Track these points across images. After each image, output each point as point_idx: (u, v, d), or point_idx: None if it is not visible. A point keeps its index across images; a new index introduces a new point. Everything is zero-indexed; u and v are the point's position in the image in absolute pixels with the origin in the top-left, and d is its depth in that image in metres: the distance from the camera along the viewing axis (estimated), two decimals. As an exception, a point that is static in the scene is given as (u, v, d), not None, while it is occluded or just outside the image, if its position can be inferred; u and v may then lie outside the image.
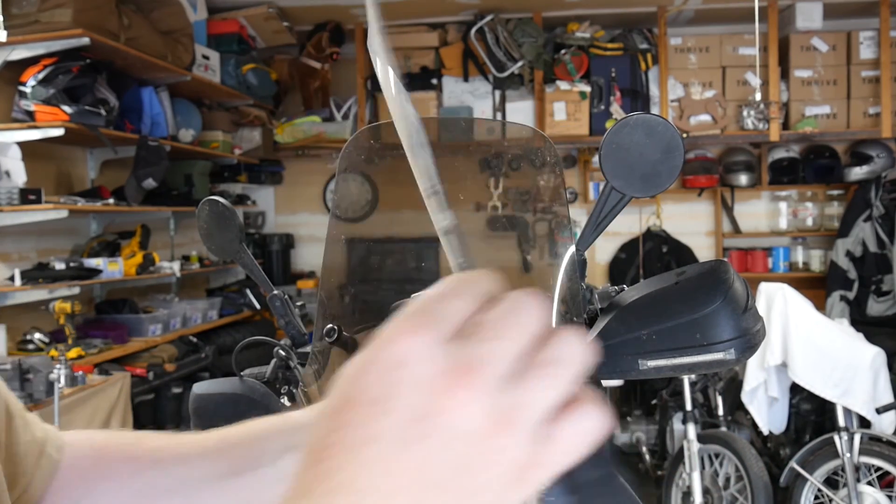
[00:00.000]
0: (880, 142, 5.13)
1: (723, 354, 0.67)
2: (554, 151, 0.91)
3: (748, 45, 5.03)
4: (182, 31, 4.19)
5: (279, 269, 5.53)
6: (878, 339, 3.36)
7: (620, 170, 0.67)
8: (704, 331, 0.67)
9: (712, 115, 5.07)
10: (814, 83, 5.11)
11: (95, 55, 3.47)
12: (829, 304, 4.90)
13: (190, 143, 4.48)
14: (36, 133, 3.29)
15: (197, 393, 1.02)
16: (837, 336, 3.22)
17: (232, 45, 4.86)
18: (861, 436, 3.06)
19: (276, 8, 4.91)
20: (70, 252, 3.90)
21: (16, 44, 3.27)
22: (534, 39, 5.06)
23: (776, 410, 3.47)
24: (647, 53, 5.14)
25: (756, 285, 3.47)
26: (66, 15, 3.24)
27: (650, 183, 0.67)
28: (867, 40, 5.06)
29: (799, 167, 5.34)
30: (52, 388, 2.80)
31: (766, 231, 5.55)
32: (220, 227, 0.87)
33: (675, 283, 0.71)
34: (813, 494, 3.14)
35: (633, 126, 0.66)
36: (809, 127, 5.01)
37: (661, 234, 5.49)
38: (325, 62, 5.35)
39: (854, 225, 4.90)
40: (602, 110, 5.03)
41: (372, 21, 0.46)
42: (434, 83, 5.23)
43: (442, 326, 0.32)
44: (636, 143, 0.66)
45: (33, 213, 3.24)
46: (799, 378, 3.17)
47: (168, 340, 3.95)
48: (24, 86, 3.28)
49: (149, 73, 4.05)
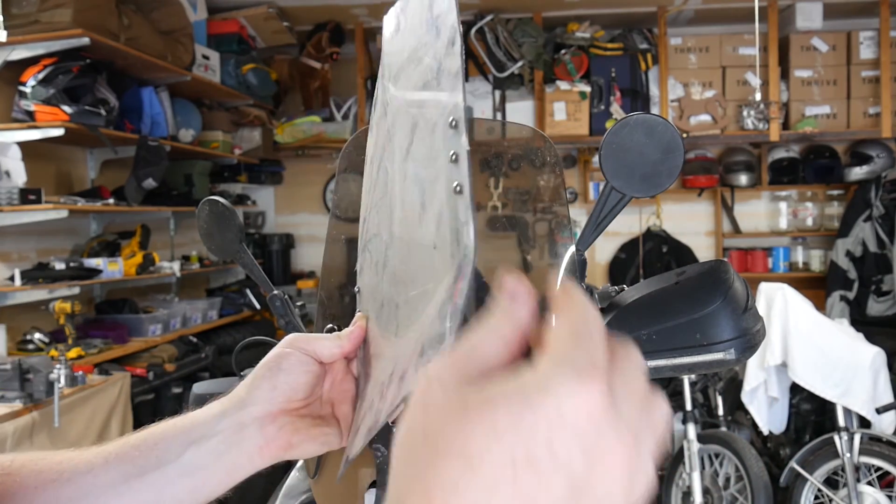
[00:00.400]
0: (880, 142, 5.13)
1: (723, 354, 0.67)
2: (554, 151, 0.91)
3: (748, 45, 5.03)
4: (182, 31, 4.19)
5: (279, 269, 5.53)
6: (878, 339, 3.36)
7: (620, 170, 0.67)
8: (704, 331, 0.67)
9: (712, 115, 5.07)
10: (814, 83, 5.11)
11: (95, 55, 3.47)
12: (829, 304, 4.90)
13: (190, 143, 4.48)
14: (36, 133, 3.29)
15: (197, 393, 1.02)
16: (837, 336, 3.22)
17: (232, 45, 4.86)
18: (861, 436, 3.06)
19: (276, 8, 4.91)
20: (70, 252, 3.90)
21: (16, 44, 3.27)
22: (534, 39, 5.06)
23: (776, 410, 3.47)
24: (647, 53, 5.15)
25: (756, 285, 3.47)
26: (66, 15, 3.25)
27: (650, 183, 0.67)
28: (867, 40, 5.06)
29: (799, 167, 5.34)
30: (52, 388, 2.80)
31: (766, 231, 5.55)
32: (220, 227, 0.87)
33: (675, 283, 0.71)
34: (813, 494, 3.14)
35: (633, 126, 0.66)
36: (809, 127, 5.01)
37: (661, 234, 5.49)
38: (325, 62, 5.35)
39: (854, 225, 4.90)
40: (602, 110, 5.03)
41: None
42: (434, 83, 5.22)
43: (605, 379, 0.28)
44: (636, 143, 0.66)
45: (33, 213, 3.24)
46: (799, 378, 3.17)
47: (168, 340, 3.95)
48: (24, 86, 3.28)
49: (149, 73, 4.05)
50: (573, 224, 0.90)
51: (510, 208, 0.98)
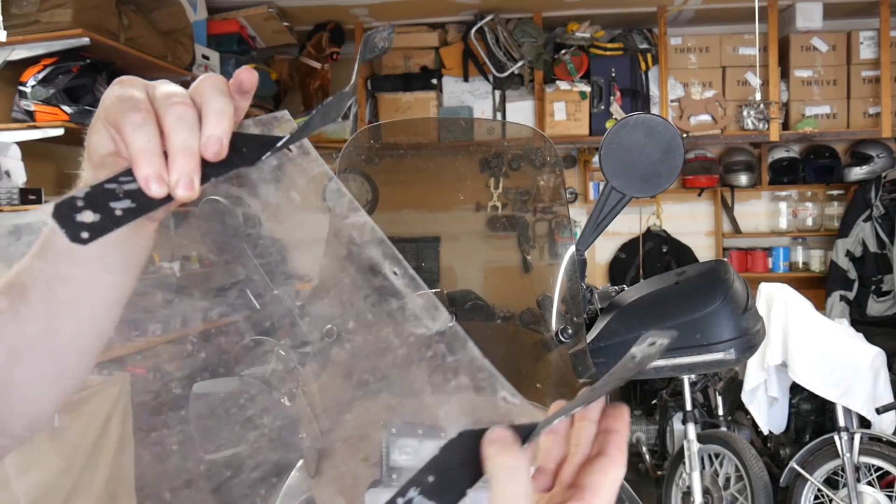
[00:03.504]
0: (880, 142, 5.13)
1: (723, 354, 0.67)
2: (554, 151, 0.91)
3: (748, 45, 5.03)
4: (182, 31, 4.19)
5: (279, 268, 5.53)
6: (878, 339, 3.36)
7: (620, 170, 0.67)
8: (704, 331, 0.67)
9: (712, 115, 5.07)
10: (814, 83, 5.11)
11: (95, 55, 3.47)
12: (829, 304, 4.90)
13: (190, 143, 4.48)
14: (36, 133, 3.29)
15: (197, 393, 1.02)
16: (837, 336, 3.22)
17: (232, 45, 4.86)
18: (861, 436, 3.06)
19: (276, 8, 4.91)
20: (70, 252, 3.90)
21: (16, 44, 3.27)
22: (534, 39, 5.06)
23: (776, 410, 3.47)
24: (647, 53, 5.14)
25: (756, 285, 3.47)
26: (66, 15, 3.24)
27: (650, 183, 0.67)
28: (867, 40, 5.06)
29: (799, 167, 5.34)
30: (52, 388, 2.79)
31: (766, 231, 5.55)
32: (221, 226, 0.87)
33: (676, 284, 0.71)
34: (813, 494, 3.14)
35: (633, 126, 0.66)
36: (809, 127, 5.01)
37: (661, 234, 5.49)
38: (325, 62, 5.35)
39: (854, 225, 4.90)
40: (602, 110, 5.03)
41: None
42: (434, 83, 5.22)
43: None
44: (636, 143, 0.66)
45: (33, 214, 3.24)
46: (799, 378, 3.17)
47: (168, 340, 3.95)
48: (24, 86, 3.28)
49: (149, 73, 4.05)
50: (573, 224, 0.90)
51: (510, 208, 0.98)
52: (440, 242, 0.97)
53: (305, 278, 0.81)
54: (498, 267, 0.97)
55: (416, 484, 0.38)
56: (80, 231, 0.46)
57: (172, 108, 0.51)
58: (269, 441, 0.81)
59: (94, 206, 0.47)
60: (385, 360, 0.63)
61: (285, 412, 0.87)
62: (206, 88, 0.53)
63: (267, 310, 0.83)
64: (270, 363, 1.02)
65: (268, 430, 0.84)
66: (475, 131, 1.05)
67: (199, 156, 0.50)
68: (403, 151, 0.81)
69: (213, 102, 0.52)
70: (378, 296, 0.61)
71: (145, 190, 0.48)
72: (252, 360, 0.89)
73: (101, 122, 0.53)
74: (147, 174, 0.48)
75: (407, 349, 0.59)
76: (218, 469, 0.75)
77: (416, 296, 0.57)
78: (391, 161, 0.89)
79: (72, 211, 0.46)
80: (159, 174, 0.48)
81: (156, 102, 0.52)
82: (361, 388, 0.73)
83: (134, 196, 0.48)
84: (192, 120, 0.51)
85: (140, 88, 0.53)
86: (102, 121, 0.53)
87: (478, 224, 0.97)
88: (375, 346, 0.63)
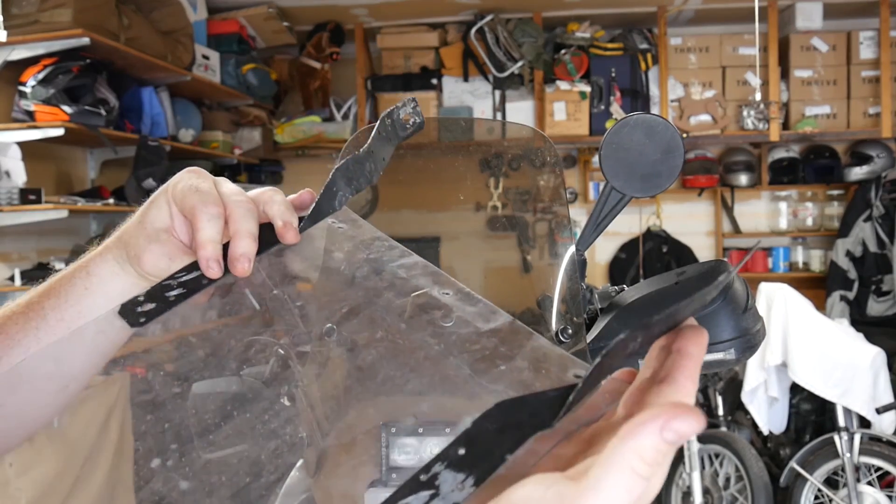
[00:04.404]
0: (880, 142, 5.13)
1: (723, 354, 0.67)
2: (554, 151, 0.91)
3: (748, 45, 5.03)
4: (182, 31, 4.19)
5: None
6: (878, 339, 3.36)
7: (620, 170, 0.67)
8: (704, 331, 0.67)
9: (712, 115, 5.07)
10: (814, 83, 5.11)
11: (95, 55, 3.47)
12: (829, 304, 4.90)
13: (190, 143, 4.48)
14: (36, 133, 3.29)
15: (197, 393, 1.02)
16: (837, 336, 3.22)
17: (232, 45, 4.86)
18: (861, 436, 3.06)
19: (276, 8, 4.91)
20: (70, 252, 3.90)
21: (16, 44, 3.27)
22: (534, 39, 5.06)
23: (776, 410, 3.47)
24: (647, 53, 5.14)
25: (756, 285, 3.47)
26: (66, 15, 3.24)
27: (650, 183, 0.67)
28: (867, 40, 5.06)
29: (799, 167, 5.34)
30: (51, 388, 2.80)
31: (766, 231, 5.55)
32: (220, 226, 0.87)
33: (676, 283, 0.71)
34: (813, 494, 3.14)
35: (633, 126, 0.66)
36: (809, 127, 5.01)
37: (661, 234, 5.49)
38: (325, 62, 5.35)
39: (854, 225, 4.90)
40: (602, 110, 5.03)
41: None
42: (434, 83, 5.23)
43: None
44: (636, 143, 0.66)
45: (33, 213, 3.24)
46: (799, 378, 3.17)
47: (168, 340, 3.95)
48: (24, 86, 3.28)
49: (149, 73, 4.05)
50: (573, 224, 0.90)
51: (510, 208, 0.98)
52: (440, 242, 0.96)
53: (306, 278, 0.81)
54: (498, 267, 0.97)
55: (443, 459, 0.34)
56: (138, 318, 0.62)
57: (242, 203, 0.61)
58: (269, 441, 0.81)
59: (153, 299, 0.62)
60: (415, 357, 0.64)
61: (285, 412, 0.86)
62: (267, 198, 0.63)
63: (267, 309, 0.83)
64: (270, 363, 1.02)
65: (268, 430, 0.84)
66: (475, 131, 1.05)
67: (257, 243, 0.61)
68: (403, 151, 0.81)
69: (271, 208, 0.62)
70: (413, 310, 0.63)
71: (205, 270, 0.60)
72: (252, 359, 0.89)
73: (165, 200, 0.61)
74: (209, 256, 0.59)
75: (445, 346, 0.60)
76: (217, 469, 0.75)
77: (467, 305, 0.59)
78: (391, 161, 0.89)
79: (135, 306, 0.61)
80: (218, 259, 0.60)
81: (224, 198, 0.61)
82: (364, 388, 0.73)
83: (185, 285, 0.62)
84: (255, 215, 0.61)
85: (210, 182, 0.61)
86: (168, 200, 0.61)
87: (478, 224, 0.97)
88: (399, 347, 0.63)
